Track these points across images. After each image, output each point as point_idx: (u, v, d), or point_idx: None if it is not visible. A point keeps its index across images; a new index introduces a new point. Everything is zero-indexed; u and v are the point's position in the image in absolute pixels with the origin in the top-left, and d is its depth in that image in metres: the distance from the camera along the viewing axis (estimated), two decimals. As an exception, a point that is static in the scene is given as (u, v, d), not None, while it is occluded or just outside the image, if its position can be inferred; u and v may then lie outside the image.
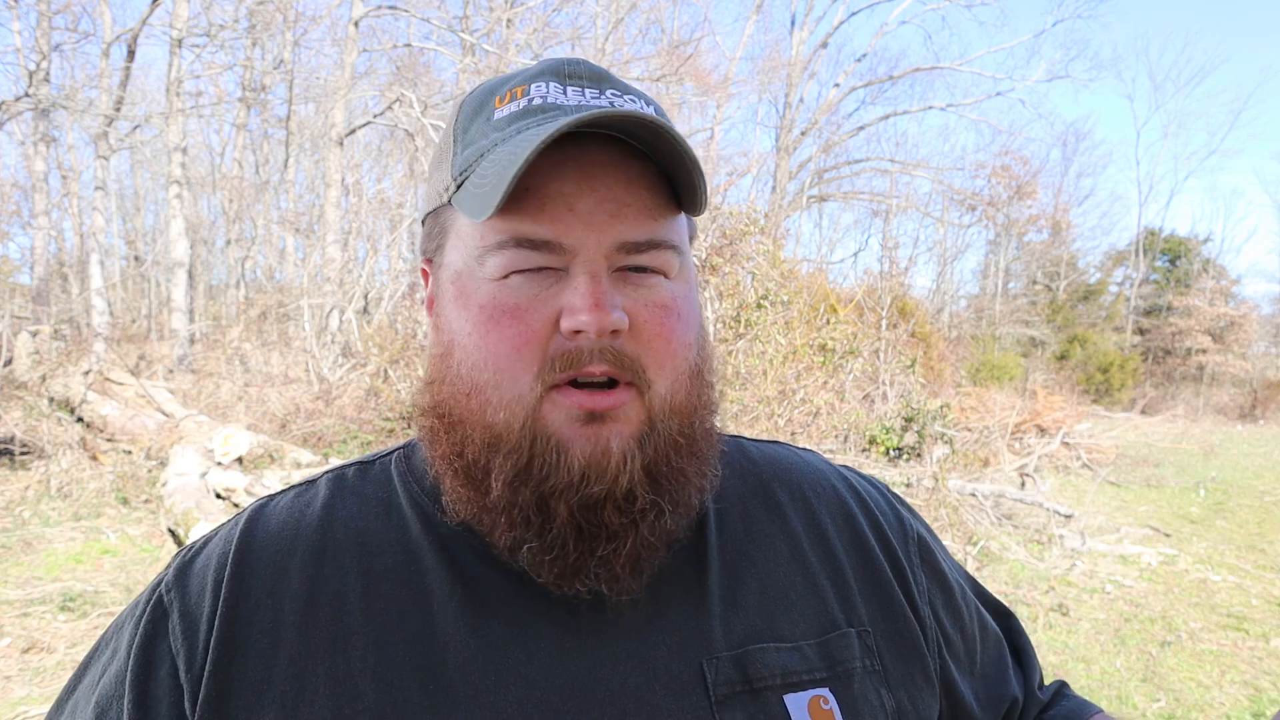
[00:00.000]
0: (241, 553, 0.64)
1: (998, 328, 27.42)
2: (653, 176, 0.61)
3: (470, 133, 0.64)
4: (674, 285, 0.62)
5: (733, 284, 7.35)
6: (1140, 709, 3.80)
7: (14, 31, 13.25)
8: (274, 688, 0.59)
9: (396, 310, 9.86)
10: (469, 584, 0.63)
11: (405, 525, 0.66)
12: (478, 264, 0.61)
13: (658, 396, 0.60)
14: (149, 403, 7.65)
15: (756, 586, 0.67)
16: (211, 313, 17.72)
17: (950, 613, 0.76)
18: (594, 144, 0.59)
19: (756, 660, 0.63)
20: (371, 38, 15.79)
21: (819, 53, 25.47)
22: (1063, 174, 32.30)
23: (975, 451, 9.31)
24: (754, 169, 23.12)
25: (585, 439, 0.59)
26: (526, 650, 0.60)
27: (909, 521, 0.79)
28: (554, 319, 0.59)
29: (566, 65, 0.64)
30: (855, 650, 0.67)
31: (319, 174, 18.41)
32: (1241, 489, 10.23)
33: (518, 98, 0.62)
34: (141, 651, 0.61)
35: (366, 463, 0.74)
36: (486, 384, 0.60)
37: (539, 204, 0.58)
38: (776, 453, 0.80)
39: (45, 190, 13.84)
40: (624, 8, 16.20)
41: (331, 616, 0.61)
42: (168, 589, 0.64)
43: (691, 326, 0.64)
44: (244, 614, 0.61)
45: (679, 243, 0.63)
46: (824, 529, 0.73)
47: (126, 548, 5.42)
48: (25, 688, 3.52)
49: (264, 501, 0.71)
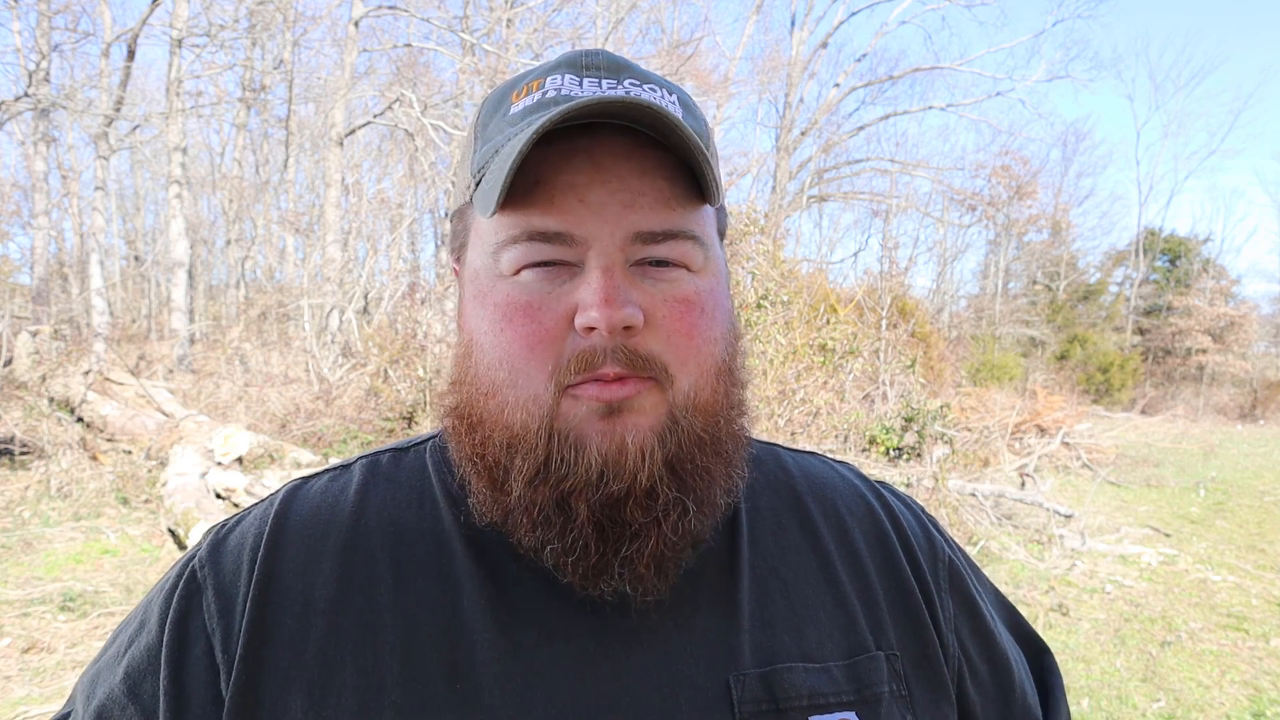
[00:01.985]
0: (276, 534, 0.64)
1: (998, 328, 27.41)
2: (671, 166, 0.59)
3: (489, 129, 0.63)
4: (698, 279, 0.60)
5: (733, 284, 7.34)
6: (1140, 709, 3.80)
7: (14, 31, 13.26)
8: (302, 675, 0.58)
9: (396, 310, 9.85)
10: (499, 582, 0.62)
11: (438, 516, 0.66)
12: (494, 261, 0.60)
13: (680, 393, 0.59)
14: (149, 403, 7.64)
15: (786, 603, 0.66)
16: (211, 313, 17.72)
17: (977, 642, 0.74)
18: (607, 135, 0.58)
19: (784, 680, 0.62)
20: (371, 38, 15.81)
21: (819, 53, 25.47)
22: (1063, 174, 32.36)
23: (975, 451, 9.31)
24: (754, 169, 23.17)
25: (602, 435, 0.57)
26: (553, 654, 0.60)
27: (940, 545, 0.77)
28: (568, 316, 0.57)
29: (585, 56, 0.63)
30: (883, 674, 0.65)
31: (319, 174, 18.42)
32: (1241, 489, 10.23)
33: (534, 91, 0.61)
34: (176, 627, 0.60)
35: (401, 449, 0.73)
36: (503, 383, 0.59)
37: (549, 196, 0.57)
38: (812, 466, 0.78)
39: (45, 190, 13.83)
40: (624, 8, 16.19)
41: (362, 606, 0.61)
42: (201, 565, 0.64)
43: (718, 322, 0.62)
44: (276, 598, 0.61)
45: (700, 234, 0.60)
46: (857, 547, 0.71)
47: (126, 548, 5.42)
48: (25, 688, 3.51)
49: (298, 483, 0.70)
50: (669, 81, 0.64)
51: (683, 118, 0.61)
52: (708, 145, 0.62)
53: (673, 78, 16.47)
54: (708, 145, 0.62)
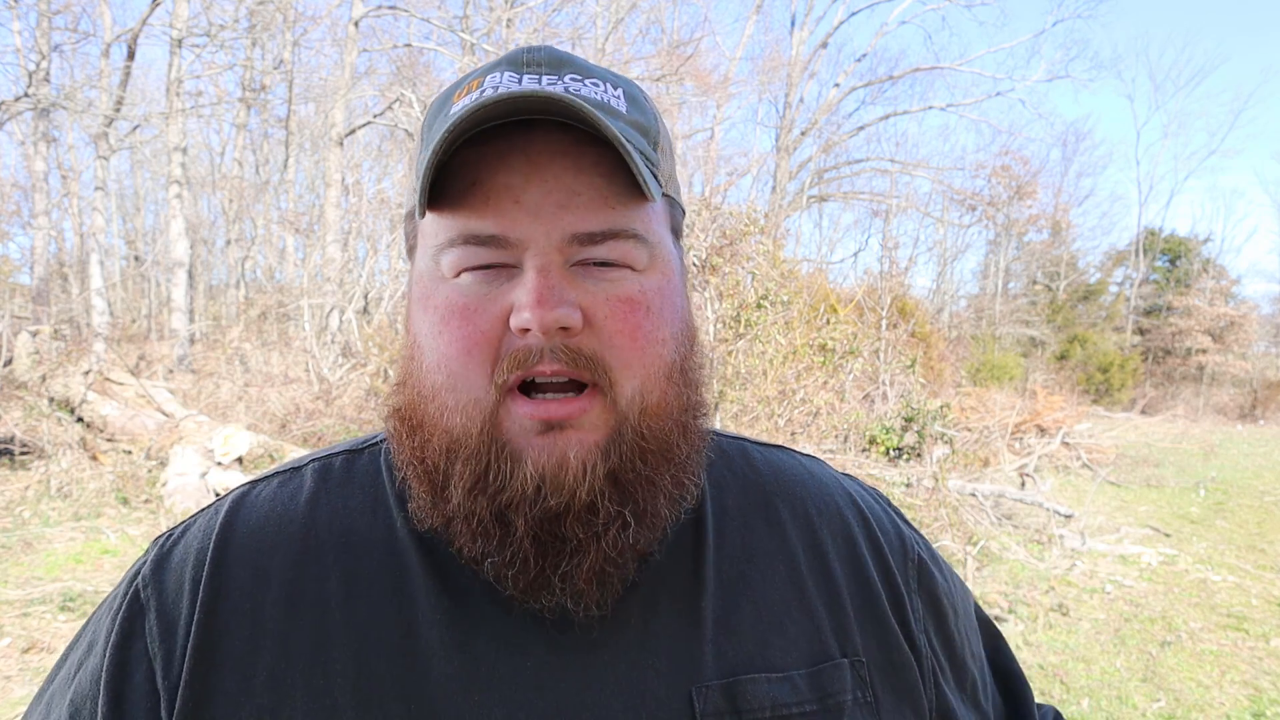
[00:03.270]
0: (220, 550, 0.62)
1: (998, 328, 27.41)
2: (610, 163, 0.57)
3: (432, 129, 0.61)
4: (643, 278, 0.59)
5: (733, 284, 7.34)
6: (1140, 709, 3.80)
7: (14, 31, 13.26)
8: (252, 701, 0.56)
9: (396, 310, 9.86)
10: (455, 595, 0.60)
11: (391, 525, 0.63)
12: (435, 263, 0.59)
13: (624, 398, 0.57)
14: (149, 403, 7.64)
15: (751, 610, 0.65)
16: (211, 313, 17.71)
17: (944, 640, 0.72)
18: (544, 132, 0.56)
19: (746, 691, 0.61)
20: (371, 38, 15.81)
21: (819, 53, 25.48)
22: (1063, 174, 32.34)
23: (975, 451, 9.31)
24: (754, 169, 23.15)
25: (540, 449, 0.56)
26: (513, 669, 0.58)
27: (910, 541, 0.75)
28: (504, 317, 0.56)
29: (525, 54, 0.61)
30: (847, 682, 0.64)
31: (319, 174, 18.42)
32: (1241, 489, 10.23)
33: (473, 90, 0.59)
34: (118, 651, 0.59)
35: (355, 450, 0.70)
36: (442, 386, 0.58)
37: (484, 198, 0.56)
38: (782, 463, 0.76)
39: (45, 190, 13.84)
40: (624, 8, 16.19)
41: (312, 624, 0.59)
42: (145, 584, 0.62)
43: (666, 322, 0.59)
44: (221, 620, 0.58)
45: (643, 232, 0.58)
46: (824, 550, 0.70)
47: (126, 548, 5.42)
48: (25, 688, 3.51)
49: (245, 489, 0.68)
50: (616, 75, 0.63)
51: (627, 111, 0.60)
52: (651, 139, 0.60)
53: (673, 78, 16.48)
54: (651, 139, 0.60)
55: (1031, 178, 28.98)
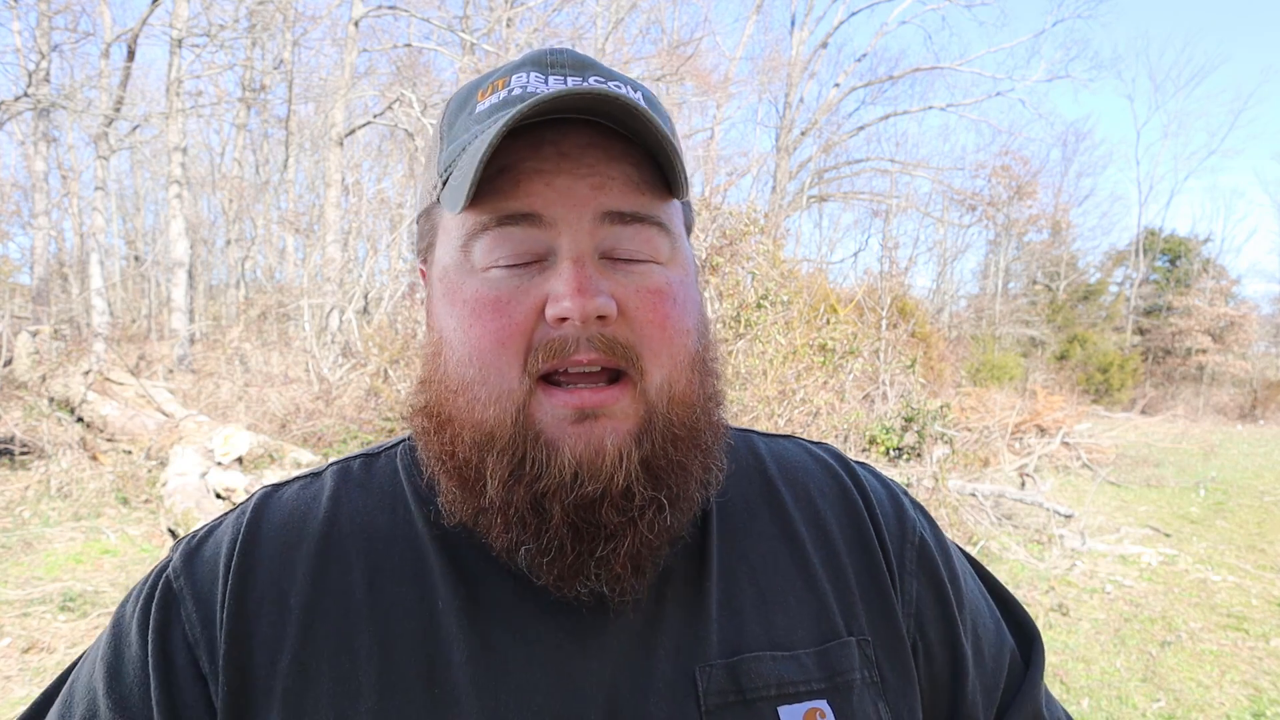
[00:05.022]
0: (249, 543, 0.64)
1: (998, 328, 27.41)
2: (637, 157, 0.59)
3: (455, 129, 0.63)
4: (668, 271, 0.61)
5: (733, 284, 7.34)
6: (1140, 709, 3.80)
7: (14, 31, 13.26)
8: (278, 683, 0.58)
9: (396, 310, 9.85)
10: (472, 585, 0.62)
11: (411, 521, 0.65)
12: (463, 255, 0.60)
13: (654, 386, 0.58)
14: (149, 403, 7.64)
15: (755, 591, 0.66)
16: (211, 313, 17.72)
17: (939, 628, 0.70)
18: (574, 129, 0.58)
19: (751, 670, 0.61)
20: (371, 38, 15.81)
21: (819, 53, 25.49)
22: (1063, 174, 32.33)
23: (975, 451, 9.31)
24: (754, 169, 23.14)
25: (576, 437, 0.57)
26: (527, 654, 0.60)
27: (912, 523, 0.75)
28: (538, 309, 0.57)
29: (549, 55, 0.63)
30: (855, 660, 0.64)
31: (319, 174, 18.42)
32: (1241, 489, 10.23)
33: (499, 90, 0.62)
34: (159, 637, 0.60)
35: (371, 455, 0.72)
36: (473, 380, 0.58)
37: (514, 180, 0.57)
38: (786, 450, 0.77)
39: (45, 190, 13.84)
40: (624, 8, 16.20)
41: (336, 613, 0.61)
42: (176, 574, 0.63)
43: (690, 313, 0.62)
44: (251, 606, 0.60)
45: (668, 223, 0.61)
46: (829, 530, 0.71)
47: (126, 548, 5.42)
48: (25, 688, 3.51)
49: (270, 490, 0.70)
50: (632, 79, 0.65)
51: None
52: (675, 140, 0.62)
53: (672, 78, 16.48)
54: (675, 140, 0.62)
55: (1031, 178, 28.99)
